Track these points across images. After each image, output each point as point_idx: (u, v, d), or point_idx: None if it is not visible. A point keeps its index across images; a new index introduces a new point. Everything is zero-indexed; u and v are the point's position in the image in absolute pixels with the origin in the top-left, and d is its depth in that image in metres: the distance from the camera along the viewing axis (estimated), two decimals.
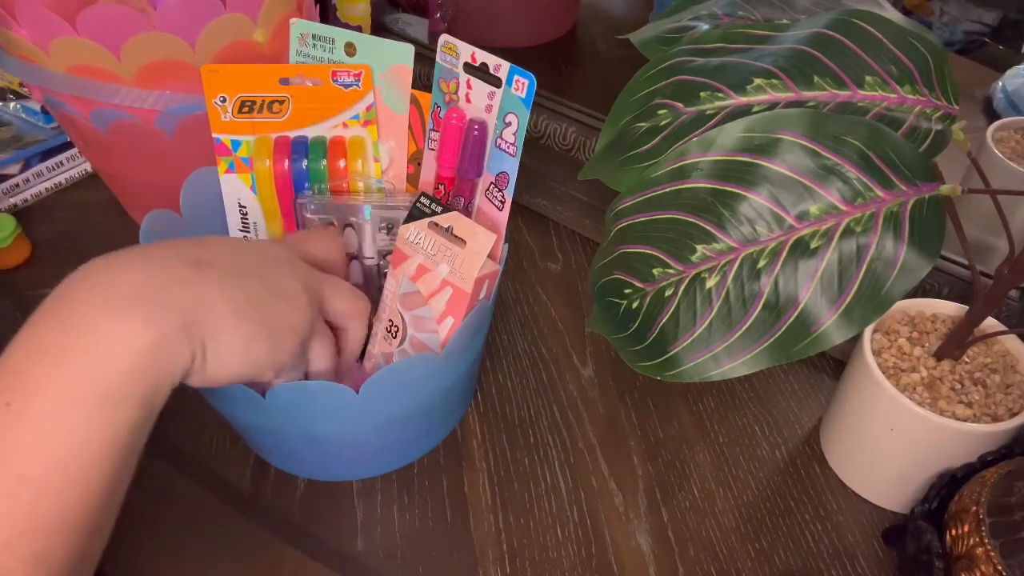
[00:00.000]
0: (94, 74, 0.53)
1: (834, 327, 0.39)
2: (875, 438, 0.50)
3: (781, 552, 0.50)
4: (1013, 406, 0.47)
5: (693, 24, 0.51)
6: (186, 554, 0.50)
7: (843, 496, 0.53)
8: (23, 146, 0.73)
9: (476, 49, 0.47)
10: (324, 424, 0.48)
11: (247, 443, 0.55)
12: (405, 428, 0.51)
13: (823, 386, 0.60)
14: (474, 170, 0.50)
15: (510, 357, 0.62)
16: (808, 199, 0.40)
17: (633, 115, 0.48)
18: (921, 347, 0.50)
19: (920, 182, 0.39)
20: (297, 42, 0.52)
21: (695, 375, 0.41)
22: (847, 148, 0.40)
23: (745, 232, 0.41)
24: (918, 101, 0.42)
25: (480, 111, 0.49)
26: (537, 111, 0.71)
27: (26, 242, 0.68)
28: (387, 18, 0.85)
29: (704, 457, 0.55)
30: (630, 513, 0.52)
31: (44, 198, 0.73)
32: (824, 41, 0.44)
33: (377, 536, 0.51)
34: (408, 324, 0.49)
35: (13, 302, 0.64)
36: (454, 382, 0.51)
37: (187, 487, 0.53)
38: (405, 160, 0.54)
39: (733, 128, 0.41)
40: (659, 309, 0.43)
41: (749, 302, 0.40)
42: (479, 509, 0.52)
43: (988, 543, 0.41)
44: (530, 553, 0.50)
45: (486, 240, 0.46)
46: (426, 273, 0.48)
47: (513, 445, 0.56)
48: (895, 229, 0.39)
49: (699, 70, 0.46)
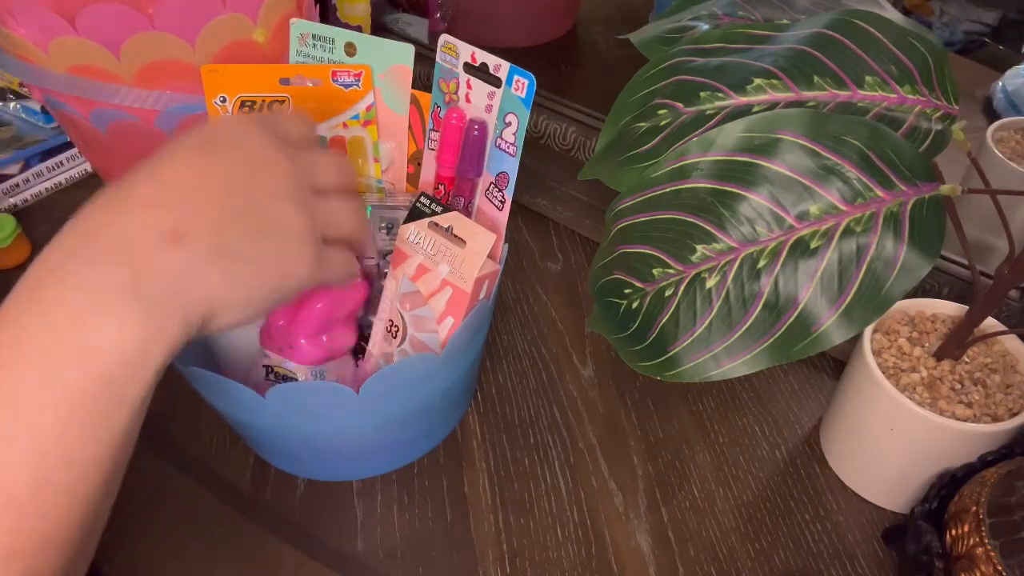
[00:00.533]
0: (94, 74, 0.53)
1: (834, 327, 0.39)
2: (875, 438, 0.50)
3: (781, 552, 0.50)
4: (1013, 406, 0.47)
5: (693, 24, 0.51)
6: (186, 554, 0.50)
7: (843, 496, 0.53)
8: (23, 146, 0.73)
9: (476, 49, 0.47)
10: (324, 424, 0.48)
11: (247, 443, 0.55)
12: (405, 428, 0.51)
13: (823, 386, 0.60)
14: (474, 170, 0.50)
15: (510, 357, 0.62)
16: (808, 199, 0.40)
17: (633, 115, 0.48)
18: (921, 347, 0.50)
19: (920, 182, 0.39)
20: (297, 42, 0.52)
21: (695, 375, 0.41)
22: (847, 148, 0.40)
23: (745, 232, 0.41)
24: (918, 101, 0.42)
25: (480, 111, 0.49)
26: (537, 111, 0.71)
27: (26, 242, 0.68)
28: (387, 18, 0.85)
29: (704, 457, 0.55)
30: (630, 513, 0.52)
31: (44, 198, 0.73)
32: (824, 41, 0.44)
33: (377, 536, 0.51)
34: (408, 324, 0.49)
35: None
36: (454, 382, 0.51)
37: (187, 486, 0.53)
38: (405, 160, 0.54)
39: (733, 128, 0.41)
40: (659, 309, 0.43)
41: (749, 302, 0.40)
42: (479, 509, 0.52)
43: (988, 543, 0.41)
44: (530, 553, 0.50)
45: (486, 240, 0.46)
46: (426, 273, 0.48)
47: (513, 445, 0.56)
48: (895, 229, 0.39)
49: (699, 70, 0.46)
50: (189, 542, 0.50)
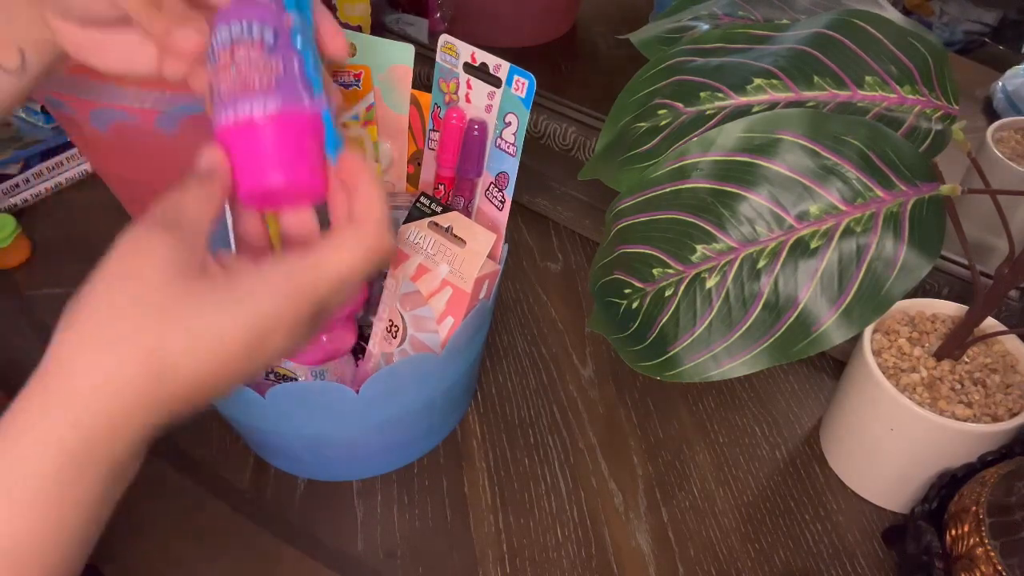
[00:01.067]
0: (94, 74, 0.53)
1: (834, 327, 0.39)
2: (875, 438, 0.50)
3: (781, 552, 0.50)
4: (1013, 406, 0.47)
5: (693, 24, 0.51)
6: (186, 554, 0.50)
7: (843, 496, 0.53)
8: (23, 146, 0.73)
9: (476, 49, 0.47)
10: (324, 424, 0.48)
11: (247, 443, 0.55)
12: (405, 428, 0.51)
13: (823, 386, 0.60)
14: (474, 170, 0.50)
15: (510, 357, 0.62)
16: (808, 199, 0.40)
17: (633, 115, 0.48)
18: (921, 347, 0.50)
19: (920, 182, 0.39)
20: None
21: (695, 375, 0.41)
22: (847, 148, 0.40)
23: (745, 232, 0.41)
24: (918, 101, 0.42)
25: (480, 111, 0.49)
26: (537, 111, 0.71)
27: (26, 242, 0.68)
28: (387, 18, 0.85)
29: (704, 457, 0.55)
30: (630, 513, 0.52)
31: (44, 198, 0.73)
32: (824, 41, 0.44)
33: (377, 536, 0.51)
34: (408, 324, 0.49)
35: (13, 302, 0.65)
36: (454, 382, 0.51)
37: (187, 487, 0.53)
38: (405, 160, 0.54)
39: (733, 128, 0.41)
40: (659, 309, 0.43)
41: (749, 302, 0.40)
42: (479, 509, 0.52)
43: (988, 543, 0.41)
44: (530, 553, 0.50)
45: (486, 240, 0.46)
46: (426, 273, 0.48)
47: (513, 445, 0.56)
48: (895, 229, 0.39)
49: (699, 70, 0.46)
50: (189, 542, 0.50)
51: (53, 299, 0.64)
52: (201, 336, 0.31)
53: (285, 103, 0.35)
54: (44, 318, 0.63)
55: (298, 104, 0.35)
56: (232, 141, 0.35)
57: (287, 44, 0.36)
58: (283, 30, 0.36)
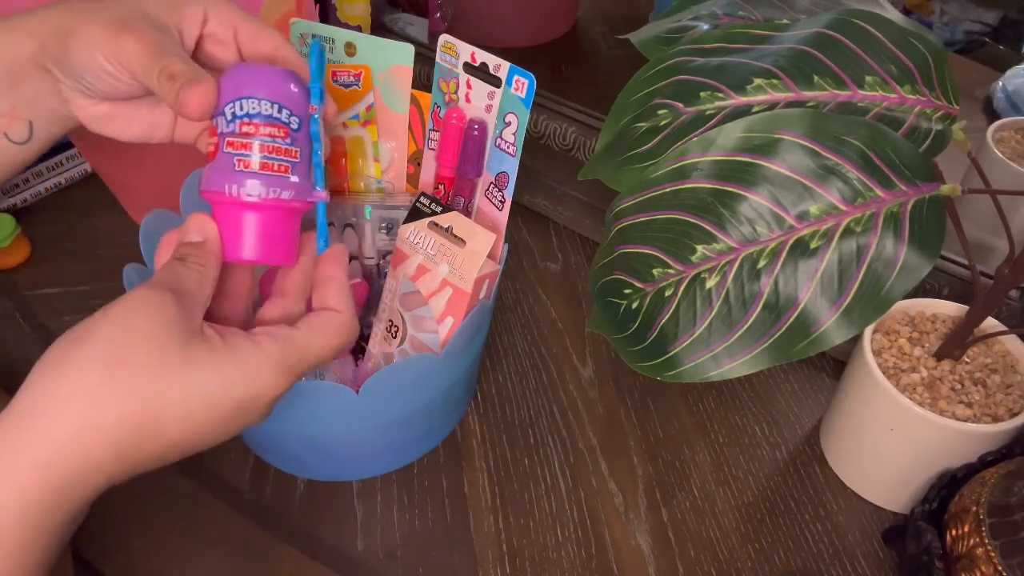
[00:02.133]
0: None
1: (834, 327, 0.39)
2: (875, 438, 0.50)
3: (781, 552, 0.50)
4: (1013, 406, 0.47)
5: (693, 24, 0.51)
6: (185, 554, 0.50)
7: (843, 496, 0.53)
8: None
9: (476, 49, 0.47)
10: (324, 424, 0.48)
11: (247, 443, 0.55)
12: (405, 428, 0.51)
13: (823, 386, 0.60)
14: (474, 170, 0.50)
15: (510, 357, 0.62)
16: (808, 199, 0.40)
17: (633, 115, 0.48)
18: (921, 347, 0.50)
19: (920, 182, 0.39)
20: (297, 42, 0.52)
21: (695, 375, 0.41)
22: (847, 148, 0.40)
23: (745, 232, 0.41)
24: (918, 101, 0.42)
25: (480, 111, 0.49)
26: (537, 111, 0.71)
27: (26, 242, 0.68)
28: (387, 18, 0.85)
29: (704, 457, 0.55)
30: (630, 513, 0.52)
31: (44, 198, 0.73)
32: (824, 41, 0.44)
33: (377, 536, 0.51)
34: (408, 324, 0.49)
35: (13, 302, 0.64)
36: (454, 382, 0.51)
37: (187, 487, 0.53)
38: (405, 160, 0.54)
39: (733, 128, 0.41)
40: (659, 309, 0.43)
41: (749, 302, 0.40)
42: (479, 509, 0.52)
43: (988, 543, 0.41)
44: (530, 553, 0.50)
45: (486, 240, 0.46)
46: (426, 273, 0.48)
47: (513, 445, 0.56)
48: (895, 229, 0.39)
49: (699, 70, 0.46)
50: (189, 542, 0.50)
51: (53, 299, 0.64)
52: (195, 401, 0.32)
53: (296, 194, 0.37)
54: (43, 318, 0.63)
55: (305, 196, 0.38)
56: (231, 212, 0.37)
57: (306, 133, 0.38)
58: (306, 119, 0.38)
